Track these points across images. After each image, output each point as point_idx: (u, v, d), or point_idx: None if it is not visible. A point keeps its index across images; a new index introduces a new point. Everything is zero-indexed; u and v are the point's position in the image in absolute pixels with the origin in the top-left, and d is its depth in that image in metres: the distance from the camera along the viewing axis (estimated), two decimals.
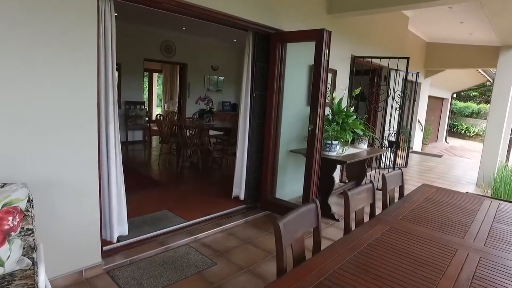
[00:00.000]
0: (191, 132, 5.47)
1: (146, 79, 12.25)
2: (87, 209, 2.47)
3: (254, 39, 3.81)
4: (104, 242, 2.71)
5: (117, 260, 2.73)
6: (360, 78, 5.40)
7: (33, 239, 1.86)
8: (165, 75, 11.99)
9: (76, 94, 2.29)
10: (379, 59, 5.45)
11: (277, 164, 4.13)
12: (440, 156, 9.57)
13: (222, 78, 10.04)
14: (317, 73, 3.43)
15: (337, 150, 4.08)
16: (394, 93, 5.87)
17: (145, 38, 8.00)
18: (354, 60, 5.38)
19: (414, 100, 6.85)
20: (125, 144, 7.65)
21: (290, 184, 4.44)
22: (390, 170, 5.29)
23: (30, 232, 1.84)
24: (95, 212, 2.52)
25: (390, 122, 6.17)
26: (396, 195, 2.81)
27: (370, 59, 5.44)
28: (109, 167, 2.68)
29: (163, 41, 8.40)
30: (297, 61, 4.14)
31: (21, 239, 1.78)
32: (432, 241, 1.73)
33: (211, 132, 6.48)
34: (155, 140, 8.65)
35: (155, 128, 7.28)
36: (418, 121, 9.87)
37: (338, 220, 4.02)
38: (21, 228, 1.80)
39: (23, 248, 1.80)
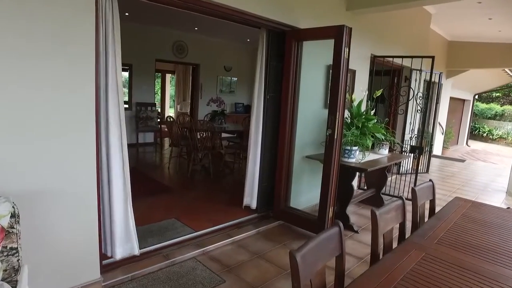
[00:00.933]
0: (202, 135, 5.26)
1: (158, 80, 12.16)
2: (84, 222, 2.27)
3: (267, 37, 3.56)
4: (103, 256, 2.51)
5: (118, 276, 2.52)
6: (380, 79, 5.08)
7: (18, 260, 1.66)
8: (178, 76, 11.86)
9: (70, 97, 2.09)
10: (400, 59, 5.11)
11: (291, 170, 3.86)
12: (463, 161, 9.09)
13: (235, 79, 9.83)
14: (336, 74, 3.15)
15: (357, 157, 3.79)
16: (416, 94, 5.52)
17: (157, 39, 7.85)
18: (374, 59, 5.06)
19: (437, 102, 6.46)
20: (135, 146, 7.52)
21: (305, 192, 4.16)
22: (411, 175, 4.96)
23: (14, 251, 1.64)
24: (93, 225, 2.31)
25: (411, 125, 5.82)
26: (426, 212, 2.51)
27: (391, 59, 5.11)
28: (110, 175, 2.46)
29: (175, 41, 8.24)
30: (313, 61, 3.87)
31: (1, 261, 1.58)
32: (482, 275, 1.43)
33: (223, 135, 6.27)
34: (166, 142, 8.49)
35: (167, 129, 7.12)
36: (439, 123, 9.42)
37: (357, 232, 3.73)
38: (3, 247, 1.59)
39: (4, 271, 1.60)
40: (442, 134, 10.28)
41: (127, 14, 6.51)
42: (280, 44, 3.61)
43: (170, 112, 12.96)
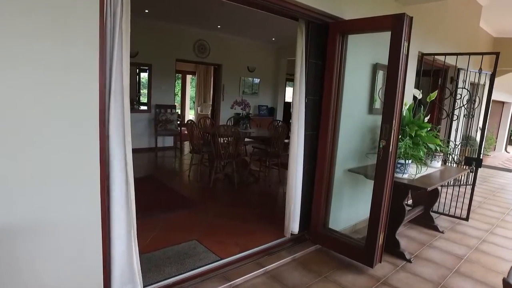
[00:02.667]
0: (225, 140, 4.78)
1: (178, 82, 11.82)
2: (83, 269, 1.81)
3: (307, 31, 3.03)
4: None
5: None
6: (430, 80, 4.45)
7: None
8: (199, 77, 11.48)
9: (64, 99, 1.63)
10: (451, 56, 4.45)
11: (332, 186, 3.31)
12: (510, 171, 8.25)
13: (257, 80, 9.33)
14: (393, 73, 2.59)
15: (409, 171, 3.20)
16: (465, 97, 4.85)
17: (178, 37, 7.45)
18: (422, 58, 4.44)
19: (488, 106, 5.74)
20: (154, 151, 7.13)
21: (345, 210, 3.60)
22: (459, 187, 4.27)
23: None
24: (96, 275, 1.85)
25: (457, 132, 5.16)
26: None
27: (440, 57, 4.46)
28: (110, 203, 1.96)
29: (197, 40, 7.82)
30: (356, 59, 3.30)
31: None
32: None
33: (247, 139, 5.77)
34: (187, 146, 8.07)
35: (188, 134, 6.68)
36: (480, 129, 8.60)
37: (410, 261, 3.14)
38: None
39: None
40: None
41: (146, 11, 6.13)
42: (321, 39, 3.08)
43: (190, 114, 12.60)
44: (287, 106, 10.27)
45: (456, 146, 5.28)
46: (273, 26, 7.27)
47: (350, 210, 3.65)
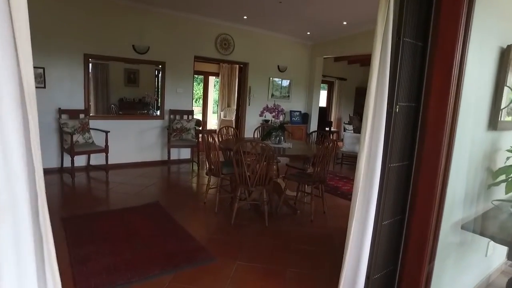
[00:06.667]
0: (252, 159, 3.50)
1: (200, 84, 10.72)
2: None
3: None
4: None
5: None
6: None
7: None
8: (222, 78, 10.34)
9: None
10: None
11: (435, 253, 1.97)
12: None
13: (286, 81, 8.04)
14: None
15: None
16: None
17: (196, 31, 6.30)
18: None
19: None
20: (166, 164, 5.98)
21: (446, 284, 2.24)
22: None
23: None
24: None
25: None
26: None
27: None
28: None
29: (219, 34, 6.64)
30: (477, 37, 1.95)
31: None
32: None
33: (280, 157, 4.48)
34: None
35: (204, 150, 5.45)
36: None
37: None
38: None
39: None
40: None
41: None
42: (423, 7, 1.77)
43: (213, 118, 11.45)
44: (322, 112, 8.92)
45: None
46: (309, 17, 5.99)
47: (453, 285, 2.30)
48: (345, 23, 6.37)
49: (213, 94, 11.46)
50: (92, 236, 3.07)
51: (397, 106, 1.80)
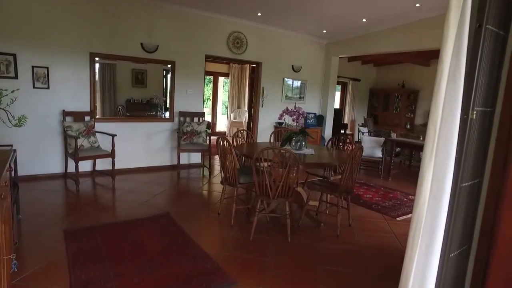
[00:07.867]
0: (275, 168, 3.15)
1: (209, 85, 10.41)
2: None
3: None
4: None
5: None
6: None
7: None
8: (232, 78, 10.02)
9: None
10: None
11: None
12: None
13: (298, 82, 7.67)
14: None
15: None
16: None
17: (208, 29, 5.97)
18: None
19: None
20: (176, 169, 5.66)
21: None
22: None
23: None
24: None
25: None
26: None
27: None
28: None
29: (231, 32, 6.30)
30: None
31: None
32: None
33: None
34: (218, 162, 6.54)
35: (218, 156, 5.11)
36: None
37: None
38: None
39: None
40: None
41: None
42: None
43: (222, 119, 11.12)
44: (336, 114, 8.53)
45: None
46: (326, 13, 5.63)
47: None
48: (364, 20, 6.00)
49: (222, 95, 11.14)
50: (96, 254, 2.75)
51: (474, 112, 1.43)
